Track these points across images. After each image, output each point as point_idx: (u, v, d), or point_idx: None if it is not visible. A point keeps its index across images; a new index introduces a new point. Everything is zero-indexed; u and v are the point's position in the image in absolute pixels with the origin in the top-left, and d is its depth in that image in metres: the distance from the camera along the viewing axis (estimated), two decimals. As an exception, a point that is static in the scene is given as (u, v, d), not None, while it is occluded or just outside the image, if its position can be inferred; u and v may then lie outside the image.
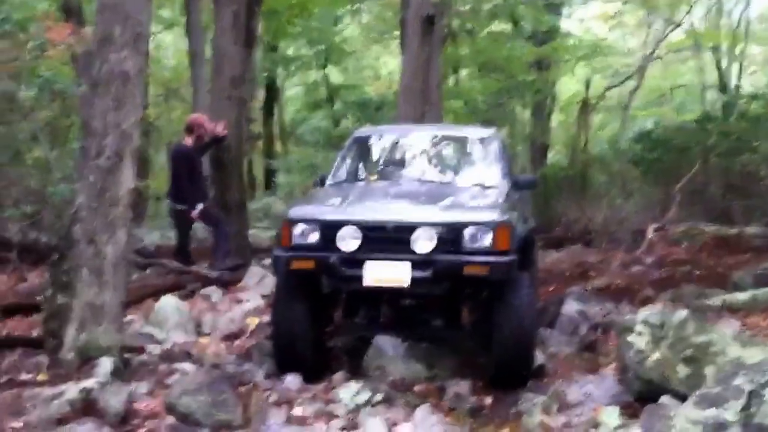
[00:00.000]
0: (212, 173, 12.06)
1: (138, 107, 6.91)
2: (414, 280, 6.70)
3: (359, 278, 6.76)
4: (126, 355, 6.81)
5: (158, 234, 14.65)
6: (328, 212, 7.22)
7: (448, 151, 9.36)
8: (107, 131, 6.62)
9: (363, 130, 10.07)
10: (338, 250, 6.84)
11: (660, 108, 28.26)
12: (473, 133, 9.54)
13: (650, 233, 14.83)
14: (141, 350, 7.22)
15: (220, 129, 11.37)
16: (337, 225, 6.91)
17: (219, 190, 11.84)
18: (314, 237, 6.95)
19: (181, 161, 11.13)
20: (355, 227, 6.87)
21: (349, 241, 6.83)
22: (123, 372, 6.39)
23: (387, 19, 25.90)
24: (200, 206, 10.91)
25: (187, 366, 6.82)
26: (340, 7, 25.55)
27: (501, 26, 25.55)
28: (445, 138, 9.44)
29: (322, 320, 7.52)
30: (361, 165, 9.10)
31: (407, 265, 6.72)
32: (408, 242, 6.76)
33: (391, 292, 7.11)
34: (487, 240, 6.74)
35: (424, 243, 6.73)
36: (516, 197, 8.11)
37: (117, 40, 6.67)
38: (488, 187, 7.99)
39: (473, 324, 7.53)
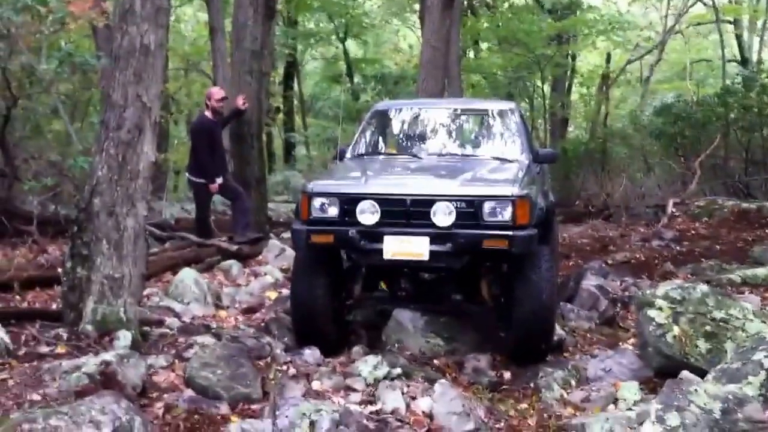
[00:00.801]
0: (232, 147, 12.08)
1: (158, 80, 6.87)
2: (433, 253, 6.67)
3: (378, 252, 6.74)
4: (145, 328, 6.81)
5: (178, 207, 14.71)
6: (347, 186, 7.15)
7: (468, 124, 9.35)
8: (127, 104, 6.60)
9: (383, 104, 10.00)
10: (357, 223, 6.79)
11: (681, 82, 28.06)
12: (493, 106, 9.50)
13: (670, 208, 14.80)
14: (160, 323, 7.22)
15: (240, 102, 11.36)
16: (356, 199, 6.85)
17: (238, 164, 11.87)
18: (333, 211, 6.91)
19: (201, 134, 11.13)
20: (373, 201, 6.81)
21: (368, 214, 6.78)
22: (142, 345, 6.38)
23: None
24: (220, 179, 10.92)
25: (205, 339, 6.79)
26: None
27: (521, 0, 25.42)
28: (464, 111, 9.40)
29: (341, 294, 7.48)
30: (381, 139, 9.06)
31: (426, 238, 6.68)
32: (427, 216, 6.71)
33: (411, 265, 7.08)
34: (506, 214, 6.67)
35: (443, 217, 6.68)
36: (536, 171, 8.04)
37: (138, 13, 6.63)
38: (508, 161, 7.97)
39: (493, 298, 7.38)
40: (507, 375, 6.71)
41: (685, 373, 5.48)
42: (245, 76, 11.93)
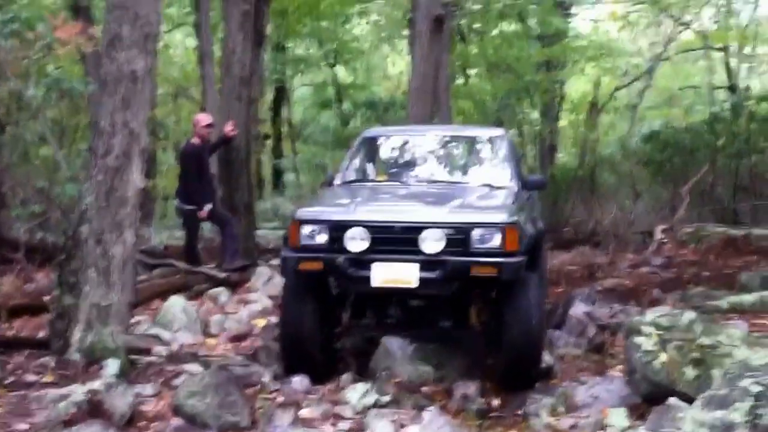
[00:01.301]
0: (220, 173, 12.06)
1: (146, 107, 6.90)
2: (422, 280, 6.68)
3: (367, 279, 6.74)
4: (132, 357, 6.79)
5: (166, 234, 14.65)
6: (336, 213, 7.18)
7: (457, 151, 9.37)
8: (115, 131, 6.61)
9: (372, 131, 10.02)
10: (346, 250, 6.81)
11: (669, 109, 28.18)
12: (482, 133, 9.54)
13: (658, 234, 14.83)
14: (148, 351, 7.18)
15: (228, 129, 11.37)
16: (345, 226, 6.87)
17: (227, 190, 11.85)
18: (322, 238, 6.93)
19: (189, 161, 11.13)
20: (363, 228, 6.83)
21: (357, 241, 6.80)
22: (129, 373, 6.38)
23: (396, 19, 25.87)
24: (209, 206, 10.90)
25: (194, 367, 6.78)
26: (348, 7, 25.50)
27: (510, 26, 25.52)
28: (454, 138, 9.45)
29: (330, 321, 7.47)
30: (370, 165, 9.08)
31: (415, 266, 6.69)
32: (416, 243, 6.73)
33: (399, 293, 7.07)
34: (495, 241, 6.71)
35: (432, 244, 6.70)
36: (525, 198, 8.13)
37: (126, 39, 6.66)
38: (497, 188, 7.99)
39: (482, 324, 7.49)
40: (496, 402, 6.67)
41: (672, 400, 5.47)
42: (234, 102, 11.94)
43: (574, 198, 21.74)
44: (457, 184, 8.28)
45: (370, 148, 9.25)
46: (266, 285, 10.55)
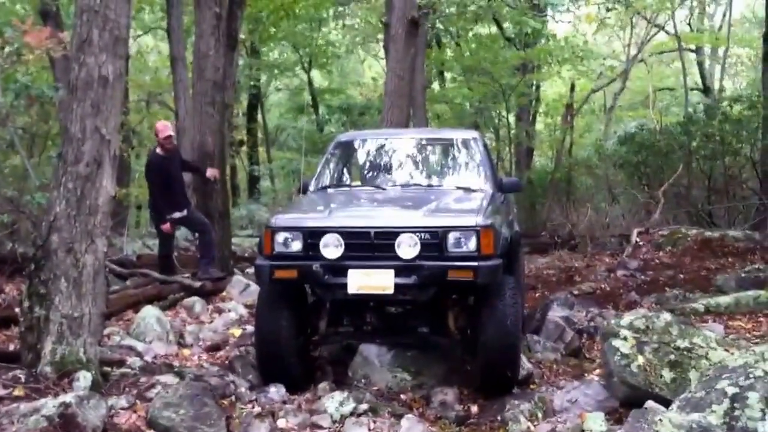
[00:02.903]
0: (194, 181, 11.96)
1: (117, 112, 6.77)
2: (398, 286, 6.60)
3: (343, 286, 6.68)
4: (105, 369, 6.66)
5: (139, 243, 14.51)
6: (310, 220, 7.11)
7: (432, 154, 9.35)
8: (86, 137, 6.46)
9: (345, 135, 9.91)
10: (321, 257, 6.74)
11: (644, 110, 28.35)
12: (456, 135, 9.50)
13: (634, 237, 14.88)
14: (121, 363, 7.05)
15: (210, 174, 11.30)
16: (320, 233, 6.79)
17: (201, 198, 11.74)
18: (297, 245, 6.86)
19: (151, 171, 11.04)
20: (337, 234, 6.76)
21: (331, 248, 6.73)
22: (102, 386, 6.25)
23: (371, 23, 25.85)
24: (179, 214, 10.81)
25: (168, 378, 6.67)
26: (323, 10, 25.43)
27: (485, 30, 25.55)
28: (428, 141, 9.42)
29: (306, 330, 7.38)
30: (344, 170, 9.04)
31: (391, 271, 6.63)
32: (391, 248, 6.67)
33: (376, 299, 6.96)
34: (471, 244, 6.65)
35: (407, 249, 6.64)
36: (501, 200, 8.10)
37: (96, 43, 6.52)
38: (472, 191, 7.97)
39: (459, 330, 7.27)
40: (474, 409, 6.63)
41: (650, 403, 5.48)
42: (207, 107, 11.83)
43: (550, 201, 21.80)
44: (433, 188, 8.27)
45: (345, 152, 9.20)
46: (242, 294, 10.50)
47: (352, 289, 6.66)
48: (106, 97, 6.56)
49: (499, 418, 6.30)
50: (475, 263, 6.61)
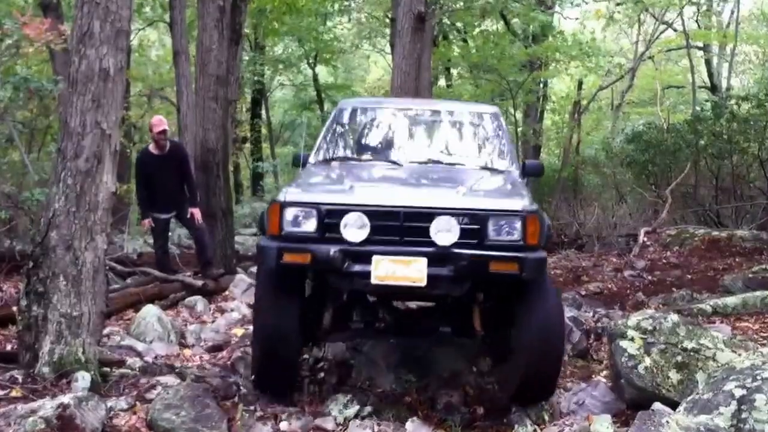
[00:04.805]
0: (197, 177, 11.85)
1: (118, 106, 6.66)
2: (431, 278, 5.78)
3: (365, 275, 5.79)
4: (105, 369, 6.57)
5: (140, 241, 14.39)
6: (329, 194, 6.20)
7: (450, 129, 8.25)
8: (86, 131, 6.36)
9: (350, 101, 8.90)
10: (341, 240, 5.86)
11: (652, 108, 28.29)
12: (476, 109, 8.54)
13: (642, 237, 14.80)
14: (121, 363, 6.95)
15: (195, 215, 11.03)
16: (341, 211, 5.91)
17: (204, 195, 11.63)
18: (311, 224, 5.94)
19: (136, 167, 10.95)
20: (361, 213, 5.87)
21: (354, 230, 5.86)
22: (101, 387, 6.17)
23: (377, 18, 25.78)
24: (164, 216, 10.71)
25: (169, 379, 6.58)
26: (328, 5, 25.35)
27: (492, 26, 25.48)
28: (444, 113, 8.40)
29: (310, 325, 6.62)
30: (350, 141, 8.06)
31: (423, 260, 5.78)
32: (425, 233, 5.85)
33: (403, 292, 6.25)
34: (516, 232, 5.88)
35: (444, 234, 5.82)
36: (527, 185, 7.30)
37: (97, 36, 6.42)
38: (499, 172, 7.24)
39: (486, 329, 6.59)
40: (480, 411, 6.49)
41: (657, 405, 5.43)
42: (210, 102, 11.73)
43: (557, 200, 21.73)
44: (455, 167, 7.34)
45: (349, 121, 8.20)
46: (245, 293, 10.42)
47: (375, 280, 5.78)
48: (107, 91, 6.45)
49: (505, 420, 6.20)
50: (521, 254, 5.82)
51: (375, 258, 5.78)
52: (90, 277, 6.33)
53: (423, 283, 5.76)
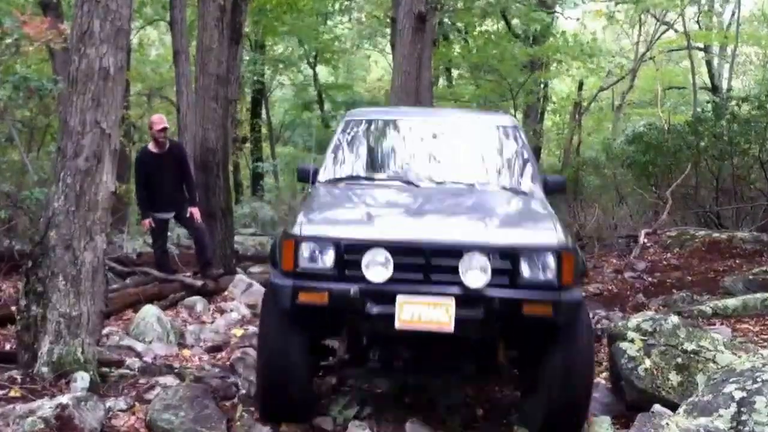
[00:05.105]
0: (197, 177, 11.82)
1: (118, 106, 6.64)
2: (460, 321, 5.29)
3: (389, 318, 5.30)
4: (104, 369, 6.55)
5: (140, 241, 14.36)
6: (348, 228, 5.66)
7: (468, 143, 7.56)
8: (85, 131, 6.35)
9: (359, 112, 8.26)
10: (362, 279, 5.36)
11: (653, 109, 28.28)
12: (495, 121, 7.93)
13: (642, 238, 14.79)
14: (120, 364, 6.93)
15: (193, 212, 10.93)
16: (362, 246, 5.41)
17: (204, 195, 11.58)
18: (328, 261, 5.46)
19: (135, 166, 10.92)
20: (385, 250, 5.37)
21: (377, 268, 5.35)
22: (100, 387, 6.16)
23: (378, 17, 25.77)
24: (164, 215, 10.70)
25: (168, 380, 6.57)
26: (329, 4, 25.33)
27: (493, 26, 25.49)
28: (461, 126, 7.84)
29: (320, 354, 6.05)
30: (361, 158, 7.46)
31: (452, 302, 5.30)
32: (454, 271, 5.36)
33: (430, 337, 5.54)
34: (549, 271, 5.41)
35: (475, 274, 5.33)
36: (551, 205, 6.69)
37: (97, 35, 6.40)
38: (523, 193, 6.79)
39: (511, 363, 6.06)
40: (480, 412, 6.45)
41: (656, 407, 5.49)
42: (210, 102, 11.69)
43: (558, 201, 21.69)
44: (476, 188, 6.83)
45: (358, 135, 7.59)
46: (244, 293, 10.37)
47: (400, 324, 5.29)
48: (107, 90, 6.43)
49: (505, 421, 6.16)
50: (556, 296, 5.37)
51: (399, 299, 5.32)
52: (89, 276, 6.32)
53: (450, 328, 5.29)
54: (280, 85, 32.13)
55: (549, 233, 5.59)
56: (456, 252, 5.38)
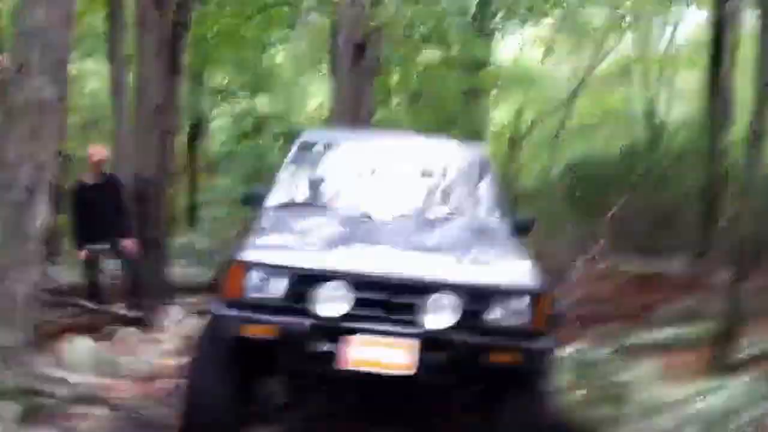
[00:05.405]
0: (134, 208, 11.73)
1: (55, 138, 6.66)
2: (422, 365, 4.91)
3: (342, 358, 4.96)
4: (35, 400, 6.47)
5: (74, 272, 14.17)
6: (304, 255, 5.24)
7: (434, 171, 7.11)
8: (21, 163, 6.35)
9: (314, 133, 7.97)
10: (316, 314, 4.98)
11: (591, 137, 28.61)
12: (461, 149, 7.62)
13: (577, 269, 14.92)
14: (51, 394, 6.85)
15: (126, 245, 10.85)
16: (320, 277, 5.00)
17: (139, 226, 11.46)
18: (280, 291, 5.03)
19: (72, 197, 10.86)
20: (344, 282, 4.98)
21: (334, 302, 4.95)
22: (30, 418, 6.08)
23: (317, 47, 25.83)
24: (98, 247, 10.65)
25: (100, 411, 6.50)
26: (268, 33, 25.34)
27: (433, 54, 25.67)
28: (426, 153, 7.34)
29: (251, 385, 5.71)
30: (316, 183, 6.94)
31: (415, 343, 4.92)
32: (417, 310, 4.99)
33: (389, 381, 5.10)
34: (523, 314, 5.07)
35: (442, 313, 4.97)
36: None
37: (35, 67, 6.41)
38: (492, 228, 6.41)
39: (467, 407, 5.94)
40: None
41: None
42: (148, 134, 11.58)
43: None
44: (442, 220, 6.45)
45: (314, 157, 7.12)
46: (179, 325, 10.30)
47: (354, 365, 4.92)
48: (45, 122, 6.45)
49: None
50: (529, 342, 5.04)
51: (356, 338, 4.94)
52: (22, 307, 6.30)
53: (412, 371, 4.92)
54: (219, 116, 31.98)
55: (524, 273, 5.31)
56: (422, 289, 5.01)
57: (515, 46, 28.14)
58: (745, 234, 8.32)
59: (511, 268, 5.40)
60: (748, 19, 16.90)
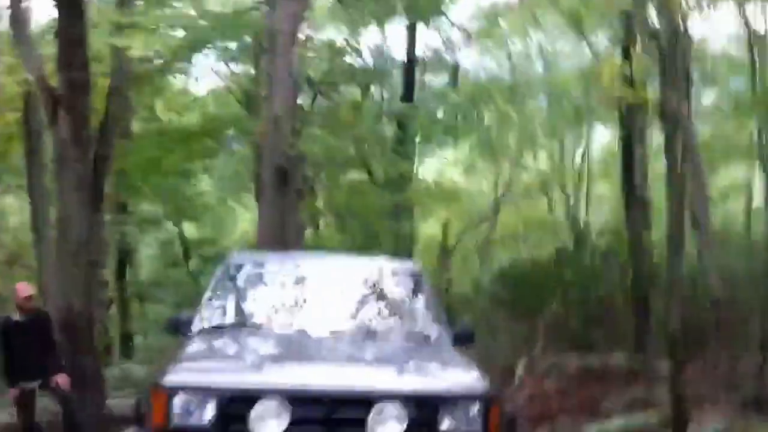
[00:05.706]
0: (64, 343, 11.41)
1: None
2: None
3: None
4: None
5: (6, 412, 13.73)
6: (232, 375, 4.89)
7: (366, 289, 6.86)
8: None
9: (242, 255, 7.93)
10: None
11: (517, 245, 29.00)
12: (394, 266, 7.38)
13: (519, 370, 14.92)
14: None
15: (60, 380, 10.41)
16: (252, 396, 4.62)
17: (70, 359, 11.13)
18: (208, 415, 4.61)
19: (2, 335, 10.54)
20: (280, 399, 4.60)
21: (269, 422, 4.55)
22: None
23: (241, 173, 25.95)
24: (30, 384, 10.21)
25: None
26: (191, 163, 25.41)
27: (356, 176, 25.95)
28: (358, 271, 7.09)
29: None
30: (244, 304, 6.60)
31: None
32: (361, 424, 4.63)
33: None
34: (474, 422, 4.75)
35: (388, 426, 4.63)
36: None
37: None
38: (431, 341, 6.15)
39: None
40: None
41: None
42: (72, 268, 11.38)
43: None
44: (378, 335, 6.13)
45: (242, 279, 6.83)
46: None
47: None
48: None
49: None
50: None
51: None
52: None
53: None
54: (145, 245, 31.74)
55: (471, 380, 5.05)
56: (365, 401, 4.67)
57: (437, 164, 28.69)
58: (676, 329, 8.55)
59: (457, 376, 5.17)
60: (654, 135, 18.02)
